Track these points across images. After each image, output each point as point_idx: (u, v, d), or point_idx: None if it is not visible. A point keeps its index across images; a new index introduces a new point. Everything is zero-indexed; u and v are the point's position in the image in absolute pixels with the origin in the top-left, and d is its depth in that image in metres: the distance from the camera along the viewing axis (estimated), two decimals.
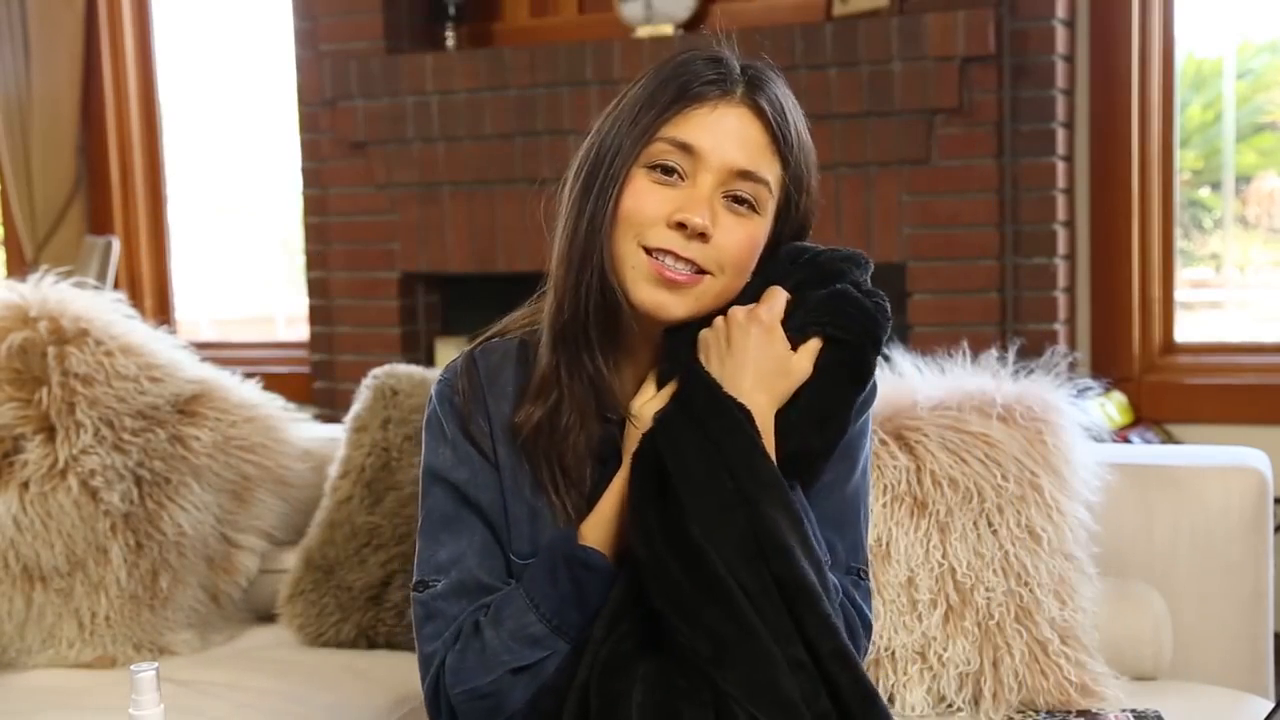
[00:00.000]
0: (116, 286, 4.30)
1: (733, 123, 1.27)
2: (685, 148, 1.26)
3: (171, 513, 2.09)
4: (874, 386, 1.37)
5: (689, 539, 1.20)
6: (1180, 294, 3.61)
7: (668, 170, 1.26)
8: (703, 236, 1.25)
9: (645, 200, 1.26)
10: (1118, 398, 3.39)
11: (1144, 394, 3.50)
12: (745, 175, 1.27)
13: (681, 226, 1.24)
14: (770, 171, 1.29)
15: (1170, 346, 3.57)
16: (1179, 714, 1.68)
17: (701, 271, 1.26)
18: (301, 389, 3.93)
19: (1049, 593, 1.72)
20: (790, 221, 1.33)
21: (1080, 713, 1.67)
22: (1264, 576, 1.87)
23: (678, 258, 1.25)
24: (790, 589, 1.18)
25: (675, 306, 1.27)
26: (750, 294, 1.31)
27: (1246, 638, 1.87)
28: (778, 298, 1.29)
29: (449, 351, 3.93)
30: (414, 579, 1.35)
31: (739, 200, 1.27)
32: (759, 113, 1.28)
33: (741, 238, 1.27)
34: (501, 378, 1.36)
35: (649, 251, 1.25)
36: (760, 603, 1.18)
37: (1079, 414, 1.85)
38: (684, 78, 1.28)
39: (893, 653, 1.72)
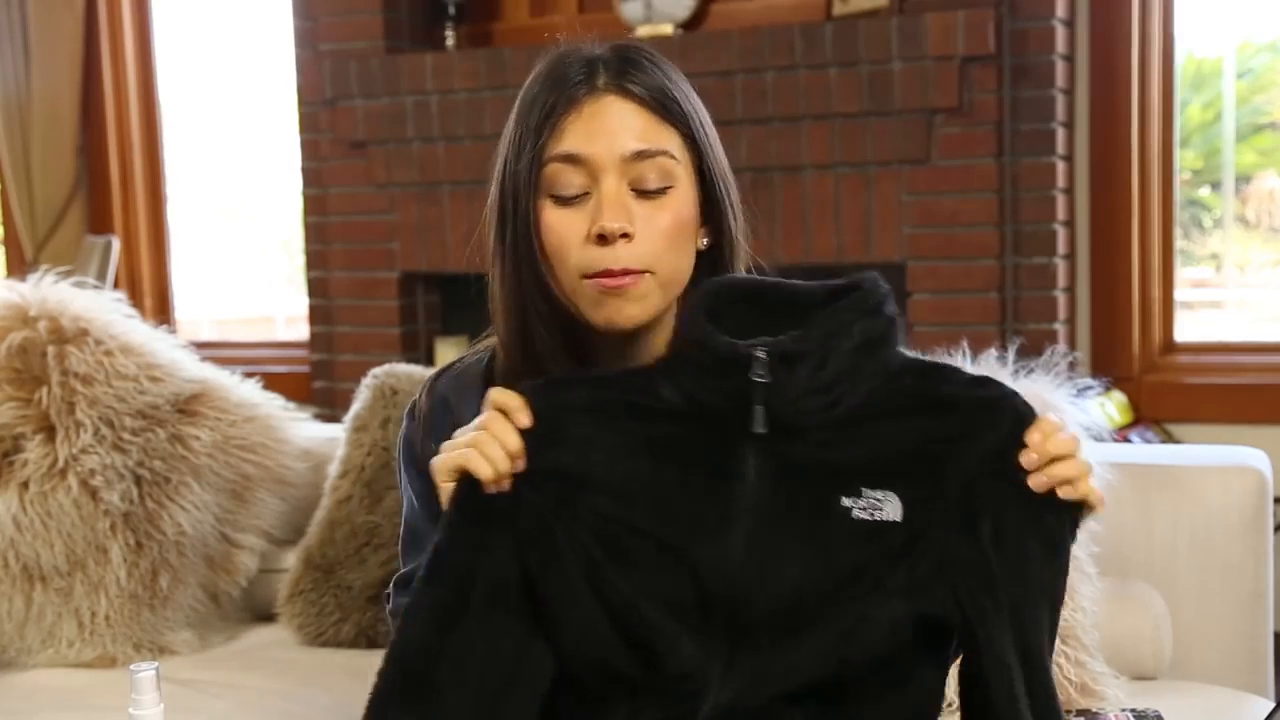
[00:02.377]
0: (116, 286, 4.30)
1: (608, 114, 1.23)
2: (573, 159, 1.22)
3: (171, 512, 2.09)
4: None
5: None
6: (1180, 294, 3.61)
7: (569, 191, 1.23)
8: (625, 237, 1.21)
9: (560, 231, 1.23)
10: (1118, 397, 3.39)
11: (1144, 394, 3.50)
12: (641, 155, 1.22)
13: (602, 238, 1.21)
14: (668, 141, 1.24)
15: (1170, 346, 3.57)
16: (1179, 714, 1.67)
17: (640, 272, 1.23)
18: (301, 389, 3.93)
19: None
20: (712, 186, 1.27)
21: (1080, 712, 1.67)
22: (1264, 576, 1.87)
23: (614, 274, 1.22)
24: None
25: (627, 311, 1.23)
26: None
27: (1246, 638, 1.87)
28: None
29: (449, 351, 3.93)
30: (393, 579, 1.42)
31: (647, 190, 1.23)
32: (629, 94, 1.24)
33: (664, 222, 1.23)
34: (464, 405, 1.34)
35: (588, 277, 1.23)
36: None
37: (1079, 414, 1.85)
38: (548, 91, 1.24)
39: None
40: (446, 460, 1.15)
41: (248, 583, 2.20)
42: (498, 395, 1.16)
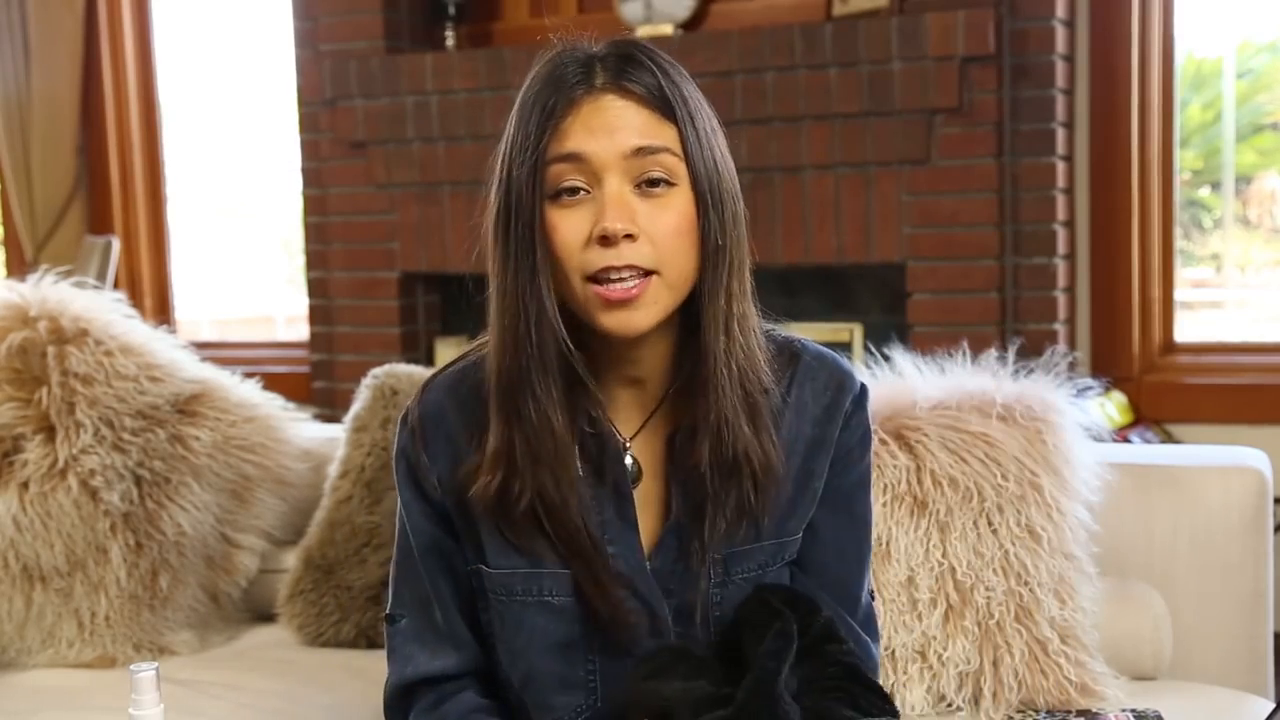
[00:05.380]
0: (116, 286, 4.30)
1: (607, 112, 1.22)
2: (574, 158, 1.21)
3: (171, 513, 2.09)
4: (866, 434, 1.36)
5: None
6: (1180, 294, 3.62)
7: (571, 191, 1.21)
8: (629, 237, 1.19)
9: (564, 231, 1.21)
10: (1118, 398, 3.39)
11: (1144, 394, 3.50)
12: (642, 151, 1.20)
13: (605, 239, 1.19)
14: (669, 137, 1.22)
15: (1170, 346, 3.57)
16: (1179, 714, 1.68)
17: (646, 273, 1.21)
18: (301, 389, 3.93)
19: (1049, 592, 1.72)
20: (700, 184, 1.24)
21: (1080, 712, 1.67)
22: (1264, 576, 1.87)
23: (617, 270, 1.20)
24: None
25: (637, 320, 1.21)
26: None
27: (1246, 638, 1.87)
28: None
29: (449, 351, 3.93)
30: (386, 607, 1.41)
31: (652, 182, 1.21)
32: (627, 92, 1.22)
33: (669, 221, 1.21)
34: (457, 413, 1.33)
35: (594, 280, 1.20)
36: None
37: (1079, 414, 1.85)
38: (546, 92, 1.23)
39: (893, 652, 1.72)
40: None
41: (248, 583, 2.20)
42: None
